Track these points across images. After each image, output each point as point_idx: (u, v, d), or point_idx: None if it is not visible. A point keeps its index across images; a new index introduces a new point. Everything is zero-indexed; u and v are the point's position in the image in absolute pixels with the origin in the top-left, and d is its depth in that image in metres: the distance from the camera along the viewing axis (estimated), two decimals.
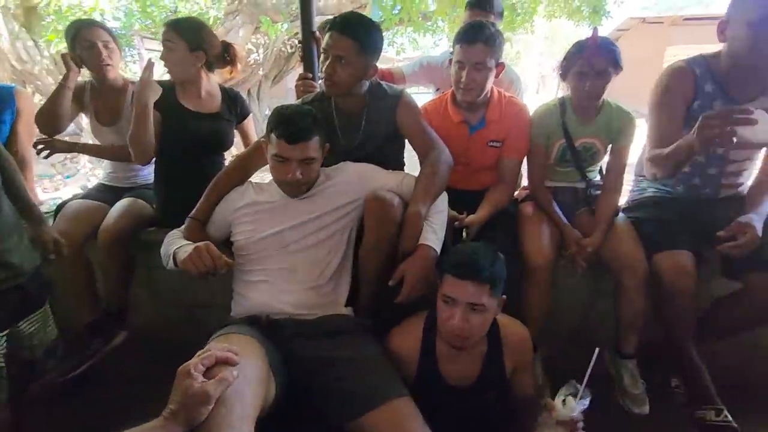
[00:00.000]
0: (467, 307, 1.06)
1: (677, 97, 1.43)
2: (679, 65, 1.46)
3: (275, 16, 4.96)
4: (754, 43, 1.25)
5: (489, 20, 1.84)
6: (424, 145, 1.44)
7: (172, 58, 1.59)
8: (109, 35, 1.76)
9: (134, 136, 1.54)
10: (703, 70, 1.42)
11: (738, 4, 1.30)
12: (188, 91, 1.67)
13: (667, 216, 1.51)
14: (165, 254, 1.29)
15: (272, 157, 1.26)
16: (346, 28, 1.30)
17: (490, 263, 1.08)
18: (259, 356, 1.02)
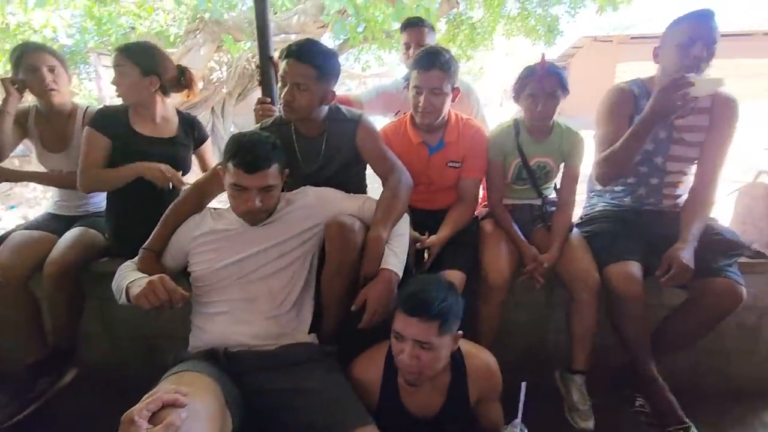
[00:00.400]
0: (415, 344, 1.05)
1: (622, 111, 1.57)
2: (620, 86, 1.61)
3: (237, 34, 4.93)
4: (681, 62, 1.43)
5: (424, 34, 2.00)
6: (384, 169, 1.46)
7: (124, 83, 1.56)
8: (56, 59, 1.68)
9: None
10: (640, 90, 1.58)
11: (670, 30, 1.48)
12: (142, 115, 1.63)
13: (616, 229, 1.59)
14: (117, 289, 1.24)
15: (230, 185, 1.23)
16: (303, 56, 1.31)
17: (441, 299, 1.05)
18: (213, 394, 0.98)
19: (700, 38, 1.41)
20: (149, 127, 1.65)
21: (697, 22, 1.43)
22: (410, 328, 1.04)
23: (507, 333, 1.68)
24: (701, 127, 1.55)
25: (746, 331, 1.75)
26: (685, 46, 1.43)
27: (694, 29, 1.42)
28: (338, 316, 1.33)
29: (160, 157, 1.63)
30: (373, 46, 7.49)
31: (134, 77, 1.55)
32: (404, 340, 1.06)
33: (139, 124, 1.63)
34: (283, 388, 1.12)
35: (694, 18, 1.44)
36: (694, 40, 1.41)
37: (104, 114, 1.61)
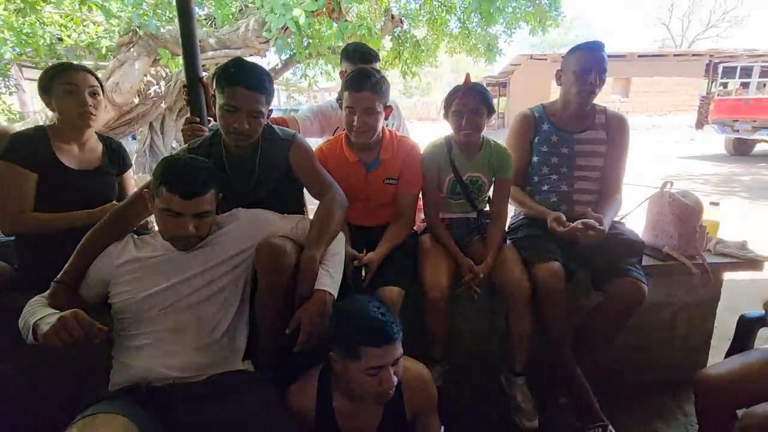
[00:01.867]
0: (391, 364, 1.07)
1: (520, 137, 1.84)
2: (523, 112, 1.87)
3: (175, 48, 4.74)
4: (578, 87, 1.67)
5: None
6: (319, 188, 1.45)
7: (100, 107, 1.54)
8: None
9: None
10: (540, 114, 1.83)
11: (568, 59, 1.71)
12: (70, 144, 1.53)
13: (537, 233, 1.71)
14: (23, 326, 1.12)
15: (162, 210, 1.17)
16: (255, 85, 1.29)
17: (392, 316, 1.10)
18: None
19: (594, 68, 1.64)
20: (75, 156, 1.54)
21: (590, 54, 1.66)
22: (388, 356, 1.06)
23: (454, 342, 1.73)
24: (600, 140, 1.78)
25: (663, 325, 1.91)
26: (580, 73, 1.65)
27: (588, 60, 1.65)
28: (273, 340, 1.29)
29: (89, 191, 1.54)
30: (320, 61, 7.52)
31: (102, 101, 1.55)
32: (381, 370, 1.06)
33: (64, 153, 1.52)
34: (213, 421, 1.06)
35: (587, 50, 1.67)
36: (588, 70, 1.64)
37: (24, 141, 1.46)
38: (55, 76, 1.50)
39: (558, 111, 1.81)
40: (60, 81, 1.49)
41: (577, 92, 1.68)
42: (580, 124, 1.78)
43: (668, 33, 30.43)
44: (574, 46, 1.72)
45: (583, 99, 1.69)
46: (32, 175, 1.44)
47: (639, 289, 1.51)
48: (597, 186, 1.80)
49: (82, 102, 1.49)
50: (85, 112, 1.51)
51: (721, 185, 6.71)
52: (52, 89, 1.50)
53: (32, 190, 1.45)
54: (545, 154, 1.78)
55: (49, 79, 1.51)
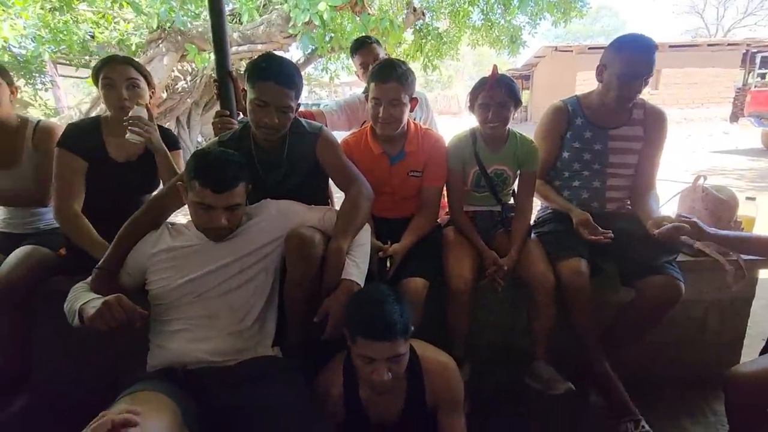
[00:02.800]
0: (387, 361, 1.07)
1: (551, 130, 1.77)
2: (557, 104, 1.78)
3: (202, 44, 4.86)
4: (619, 91, 1.58)
5: (376, 50, 2.15)
6: (345, 180, 1.47)
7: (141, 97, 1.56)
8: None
9: None
10: (574, 108, 1.75)
11: (612, 56, 1.59)
12: (118, 134, 1.55)
13: (565, 228, 1.68)
14: (69, 311, 1.19)
15: (195, 204, 1.21)
16: (284, 80, 1.31)
17: (399, 315, 1.08)
18: (169, 412, 0.96)
19: (642, 74, 1.54)
20: (123, 146, 1.58)
21: (639, 57, 1.54)
22: (381, 351, 1.06)
23: (475, 334, 1.73)
24: (637, 137, 1.70)
25: (694, 322, 1.86)
26: (626, 79, 1.55)
27: (637, 64, 1.54)
28: (302, 328, 1.33)
29: (134, 181, 1.62)
30: (341, 56, 7.55)
31: (147, 92, 1.57)
32: (374, 361, 1.07)
33: (113, 144, 1.58)
34: (241, 405, 1.10)
35: (636, 51, 1.54)
36: (635, 76, 1.54)
37: (77, 131, 1.54)
38: (99, 70, 1.56)
39: (594, 105, 1.73)
40: (101, 75, 1.55)
41: (618, 97, 1.60)
42: (616, 119, 1.71)
43: (702, 21, 29.15)
44: (621, 39, 1.59)
45: (623, 104, 1.63)
46: (83, 162, 1.51)
47: (675, 288, 1.48)
48: (629, 182, 1.76)
49: (119, 96, 1.54)
50: (122, 107, 1.54)
51: (757, 180, 6.43)
52: (98, 83, 1.56)
53: (82, 179, 1.52)
54: (577, 150, 1.73)
55: (95, 73, 1.57)
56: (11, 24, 4.32)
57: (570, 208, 1.67)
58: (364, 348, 1.07)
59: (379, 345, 1.05)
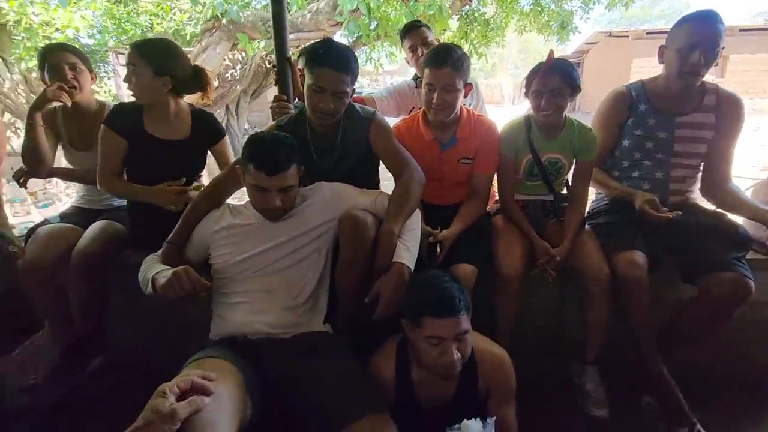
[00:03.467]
0: (455, 340, 1.09)
1: (611, 118, 1.69)
2: (619, 89, 1.69)
3: (253, 33, 4.99)
4: (680, 67, 1.48)
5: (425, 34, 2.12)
6: (397, 165, 1.49)
7: (137, 83, 1.53)
8: (77, 57, 1.73)
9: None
10: (638, 93, 1.65)
11: (672, 33, 1.52)
12: (155, 116, 1.63)
13: (621, 219, 1.62)
14: (143, 280, 1.29)
15: (251, 186, 1.28)
16: (342, 66, 1.33)
17: (459, 291, 1.12)
18: (235, 380, 1.03)
19: (700, 44, 1.44)
20: (163, 128, 1.64)
21: (698, 27, 1.44)
22: (449, 329, 1.08)
23: (522, 324, 1.70)
24: (707, 125, 1.59)
25: (762, 325, 1.74)
26: (684, 51, 1.46)
27: (695, 34, 1.44)
28: (352, 308, 1.37)
29: (174, 161, 1.66)
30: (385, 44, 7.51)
31: (147, 77, 1.52)
32: (442, 342, 1.09)
33: (153, 125, 1.63)
34: (298, 374, 1.16)
35: (695, 21, 1.45)
36: (693, 46, 1.44)
37: (119, 113, 1.62)
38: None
39: (659, 90, 1.63)
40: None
41: (677, 74, 1.50)
42: (684, 106, 1.59)
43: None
44: (683, 16, 1.51)
45: (683, 81, 1.52)
46: (122, 141, 1.60)
47: (744, 286, 1.39)
48: (695, 174, 1.66)
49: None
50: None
51: None
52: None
53: (121, 155, 1.61)
54: (639, 138, 1.64)
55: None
56: (82, 15, 4.63)
57: (631, 191, 1.58)
58: (431, 328, 1.08)
59: (446, 322, 1.07)
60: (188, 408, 0.82)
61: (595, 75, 16.21)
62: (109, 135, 1.60)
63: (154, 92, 1.56)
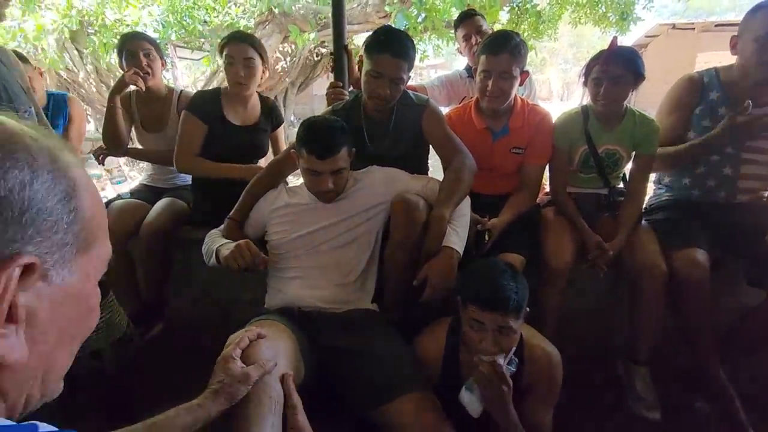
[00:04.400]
0: (496, 330, 1.07)
1: (682, 104, 1.59)
2: (690, 74, 1.61)
3: (303, 25, 5.11)
4: (759, 57, 1.40)
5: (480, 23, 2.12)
6: (449, 152, 1.50)
7: (254, 75, 1.71)
8: (151, 45, 1.86)
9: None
10: (711, 80, 1.56)
11: (747, 21, 1.43)
12: (235, 103, 1.77)
13: (681, 217, 1.55)
14: (207, 252, 1.38)
15: (304, 169, 1.33)
16: (400, 52, 1.37)
17: (515, 291, 1.07)
18: (290, 341, 1.10)
19: None
20: (238, 114, 1.78)
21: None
22: (493, 321, 1.06)
23: (569, 321, 1.66)
24: None
25: None
26: (763, 40, 1.37)
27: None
28: (399, 289, 1.40)
29: (246, 144, 1.79)
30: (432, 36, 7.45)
31: (260, 69, 1.71)
32: (483, 329, 1.08)
33: (230, 111, 1.77)
34: (348, 348, 1.20)
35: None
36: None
37: (201, 100, 1.76)
38: (223, 47, 1.75)
39: (734, 78, 1.54)
40: (225, 52, 1.73)
41: (759, 64, 1.41)
42: (760, 96, 1.48)
43: None
44: (756, 4, 1.43)
45: (766, 71, 1.42)
46: (203, 126, 1.72)
47: None
48: (767, 171, 1.54)
49: (235, 73, 1.70)
50: (237, 83, 1.72)
51: None
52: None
53: (201, 139, 1.73)
54: (707, 129, 1.54)
55: (220, 49, 1.77)
56: (149, 11, 4.94)
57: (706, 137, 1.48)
58: (476, 314, 1.08)
59: (491, 315, 1.06)
60: (259, 370, 0.91)
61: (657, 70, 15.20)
62: (191, 120, 1.71)
63: (258, 82, 1.75)
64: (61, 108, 2.09)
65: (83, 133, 2.19)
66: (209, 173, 1.74)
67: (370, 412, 1.11)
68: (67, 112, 2.12)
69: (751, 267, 1.47)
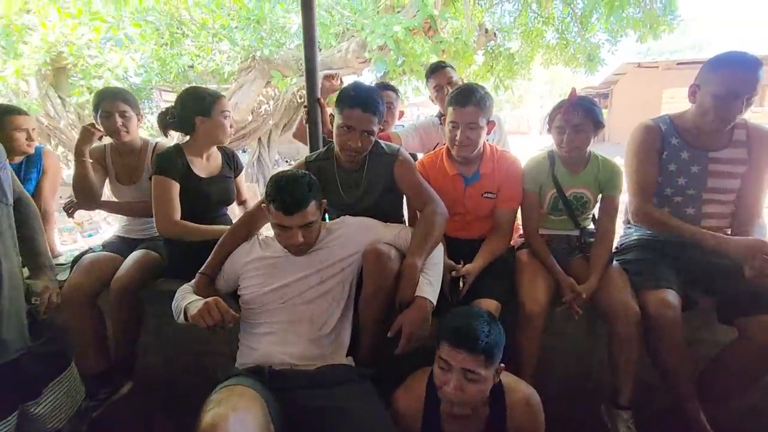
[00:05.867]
0: (461, 373, 1.08)
1: (648, 149, 1.61)
2: (646, 123, 1.65)
3: (285, 70, 5.28)
4: (716, 112, 1.45)
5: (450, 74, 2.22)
6: (420, 200, 1.52)
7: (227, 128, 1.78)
8: (127, 105, 1.87)
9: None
10: (667, 127, 1.62)
11: (707, 74, 1.48)
12: (199, 156, 1.79)
13: (652, 257, 1.58)
14: (176, 309, 1.35)
15: (274, 224, 1.34)
16: (370, 107, 1.41)
17: (486, 333, 1.08)
18: (260, 407, 1.06)
19: (742, 93, 1.40)
20: (203, 166, 1.80)
21: (740, 74, 1.40)
22: (458, 358, 1.07)
23: (548, 363, 1.66)
24: (739, 160, 1.55)
25: None
26: (724, 99, 1.42)
27: (737, 82, 1.40)
28: (374, 341, 1.38)
29: (215, 194, 1.80)
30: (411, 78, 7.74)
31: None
32: (451, 370, 1.08)
33: (195, 165, 1.77)
34: (322, 406, 1.17)
35: (737, 67, 1.40)
36: (736, 94, 1.40)
37: (166, 159, 1.73)
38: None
39: (688, 126, 1.59)
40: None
41: (715, 119, 1.47)
42: (715, 141, 1.56)
43: None
44: (718, 56, 1.47)
45: (721, 125, 1.49)
46: (176, 184, 1.70)
47: None
48: (729, 209, 1.60)
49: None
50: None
51: None
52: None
53: (177, 198, 1.70)
54: (671, 173, 1.60)
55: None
56: (131, 57, 5.05)
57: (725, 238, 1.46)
58: (444, 351, 1.09)
59: (458, 353, 1.07)
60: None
61: (625, 105, 16.02)
62: (164, 182, 1.68)
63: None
64: (35, 161, 2.08)
65: (57, 185, 2.17)
66: (193, 236, 1.70)
67: None
68: (42, 165, 2.10)
69: (720, 305, 1.50)
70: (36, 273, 1.32)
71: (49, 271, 1.31)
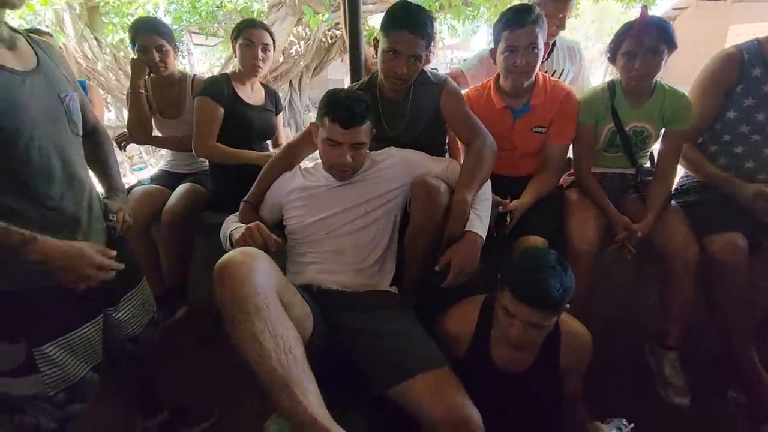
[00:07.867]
0: (527, 323, 1.04)
1: (717, 83, 1.47)
2: (728, 50, 1.47)
3: (317, 7, 5.03)
4: None
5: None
6: (469, 133, 1.45)
7: (268, 58, 1.80)
8: (163, 38, 1.83)
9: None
10: (753, 55, 1.42)
11: None
12: (245, 84, 1.84)
13: (717, 199, 1.47)
14: (223, 237, 1.38)
15: (324, 140, 1.30)
16: (417, 29, 1.31)
17: (558, 289, 1.01)
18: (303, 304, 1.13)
19: None
20: (247, 94, 1.83)
21: None
22: (525, 315, 1.03)
23: (594, 304, 1.62)
24: None
25: None
26: None
27: None
28: (419, 273, 1.38)
29: (260, 123, 1.83)
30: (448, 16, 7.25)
31: (273, 53, 1.81)
32: (516, 320, 1.05)
33: (242, 93, 1.81)
34: (366, 328, 1.20)
35: None
36: None
37: (215, 83, 1.77)
38: (241, 30, 1.77)
39: None
40: (243, 35, 1.76)
41: None
42: None
43: None
44: None
45: None
46: (220, 108, 1.73)
47: None
48: None
49: (254, 56, 1.76)
50: (255, 65, 1.78)
51: None
52: (237, 40, 1.79)
53: (219, 122, 1.74)
54: (749, 108, 1.44)
55: (237, 31, 1.79)
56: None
57: (733, 182, 1.41)
58: (508, 303, 1.05)
59: (527, 309, 1.02)
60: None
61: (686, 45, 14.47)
62: (207, 104, 1.72)
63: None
64: None
65: (103, 118, 2.21)
66: (228, 159, 1.76)
67: (388, 391, 1.10)
68: (87, 99, 2.14)
69: None
70: (110, 195, 1.38)
71: (122, 194, 1.37)
